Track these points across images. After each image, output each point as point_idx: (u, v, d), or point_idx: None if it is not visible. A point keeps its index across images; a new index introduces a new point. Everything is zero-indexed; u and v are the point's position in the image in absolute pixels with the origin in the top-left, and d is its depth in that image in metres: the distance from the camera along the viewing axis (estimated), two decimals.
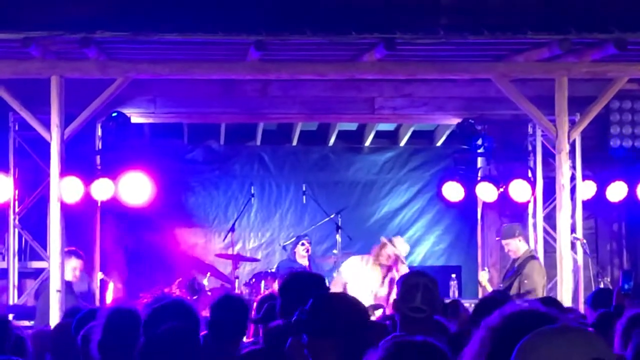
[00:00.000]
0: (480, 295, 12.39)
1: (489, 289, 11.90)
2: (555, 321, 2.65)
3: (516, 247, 12.11)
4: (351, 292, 11.00)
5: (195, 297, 11.91)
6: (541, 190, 13.07)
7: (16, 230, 12.24)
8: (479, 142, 13.38)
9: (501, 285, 11.95)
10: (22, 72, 10.83)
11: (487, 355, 2.65)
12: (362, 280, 11.57)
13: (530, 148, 13.42)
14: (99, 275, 12.72)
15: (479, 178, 13.44)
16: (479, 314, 6.86)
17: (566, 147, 11.20)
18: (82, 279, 12.01)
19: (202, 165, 14.68)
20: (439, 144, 15.04)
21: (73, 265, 11.34)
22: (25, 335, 6.03)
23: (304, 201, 14.25)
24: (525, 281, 11.66)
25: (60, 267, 10.56)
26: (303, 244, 13.14)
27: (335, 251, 13.34)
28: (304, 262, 13.00)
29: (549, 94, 11.34)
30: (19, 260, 12.34)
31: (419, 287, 5.58)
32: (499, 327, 2.68)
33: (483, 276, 12.45)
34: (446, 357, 2.95)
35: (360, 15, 10.53)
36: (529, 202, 13.27)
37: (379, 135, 15.17)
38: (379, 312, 10.78)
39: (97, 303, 12.44)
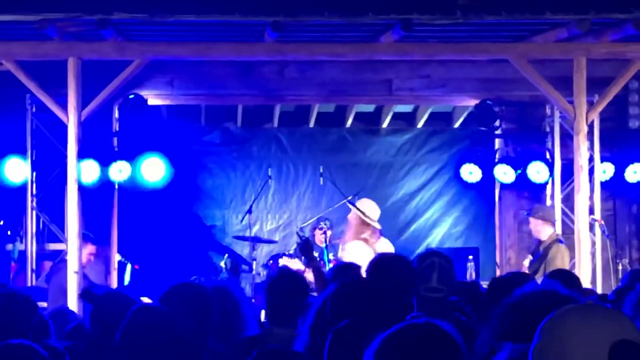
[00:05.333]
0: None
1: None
2: (576, 301, 2.62)
3: (537, 229, 11.97)
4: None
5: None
6: (559, 172, 13.01)
7: (34, 213, 12.27)
8: (497, 123, 13.34)
9: (529, 269, 11.80)
10: (39, 54, 10.83)
11: (506, 334, 2.63)
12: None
13: (548, 129, 13.36)
14: (117, 257, 12.76)
15: (496, 160, 13.39)
16: (494, 294, 6.87)
17: (584, 129, 11.15)
18: (96, 266, 12.08)
19: (220, 147, 14.65)
20: (456, 125, 14.98)
21: (90, 251, 11.44)
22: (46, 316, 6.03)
23: (321, 183, 14.17)
24: (550, 264, 11.58)
25: (78, 249, 10.58)
26: (321, 228, 13.08)
27: None
28: (322, 245, 12.96)
29: (567, 75, 11.27)
30: (37, 242, 12.37)
31: (434, 266, 5.57)
32: (518, 306, 2.66)
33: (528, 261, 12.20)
34: (453, 340, 2.68)
35: None
36: (547, 183, 13.21)
37: (397, 116, 15.10)
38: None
39: (115, 285, 12.49)
